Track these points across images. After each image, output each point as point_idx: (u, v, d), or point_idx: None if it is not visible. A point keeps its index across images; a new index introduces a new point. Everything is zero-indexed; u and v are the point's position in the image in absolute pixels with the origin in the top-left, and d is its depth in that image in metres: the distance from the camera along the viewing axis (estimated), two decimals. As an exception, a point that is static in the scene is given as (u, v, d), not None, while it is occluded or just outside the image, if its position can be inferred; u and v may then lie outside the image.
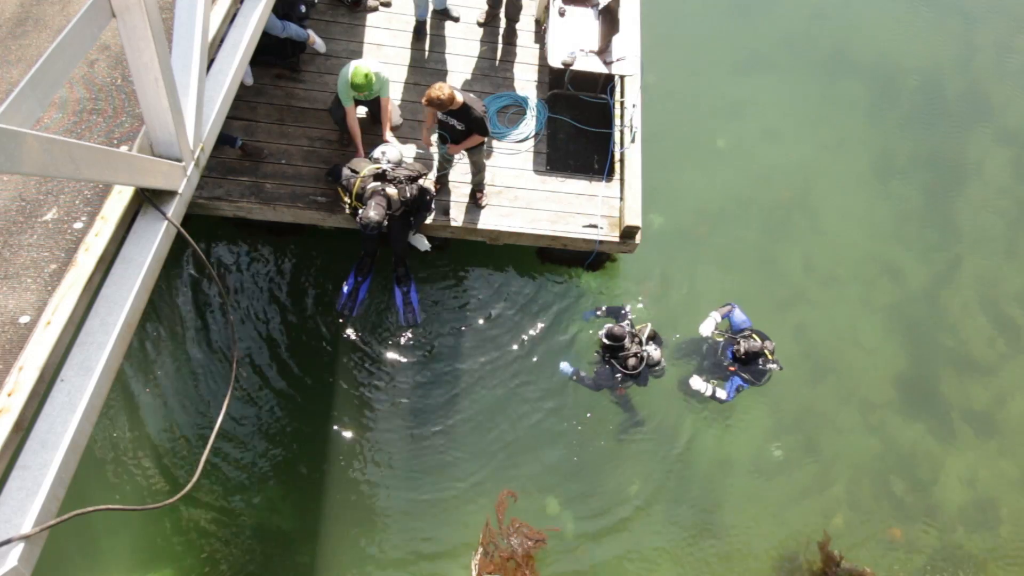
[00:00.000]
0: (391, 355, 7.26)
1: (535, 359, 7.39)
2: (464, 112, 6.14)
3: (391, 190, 6.19)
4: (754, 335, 6.72)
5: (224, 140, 6.62)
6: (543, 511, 6.88)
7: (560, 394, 7.28)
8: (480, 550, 6.50)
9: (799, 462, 7.48)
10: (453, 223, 6.95)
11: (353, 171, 6.32)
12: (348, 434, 6.93)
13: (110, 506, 3.29)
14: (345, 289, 7.08)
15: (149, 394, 6.83)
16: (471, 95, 6.26)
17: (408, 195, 6.30)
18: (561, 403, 7.28)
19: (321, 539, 6.54)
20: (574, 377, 7.00)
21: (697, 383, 6.93)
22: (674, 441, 7.32)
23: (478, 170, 6.82)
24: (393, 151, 6.54)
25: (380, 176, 6.25)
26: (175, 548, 6.37)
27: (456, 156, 6.95)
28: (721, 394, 6.82)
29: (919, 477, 7.60)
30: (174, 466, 6.58)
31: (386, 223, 6.15)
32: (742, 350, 6.58)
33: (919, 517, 7.41)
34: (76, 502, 3.17)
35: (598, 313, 7.32)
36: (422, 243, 7.12)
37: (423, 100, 6.00)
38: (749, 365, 6.68)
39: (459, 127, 6.28)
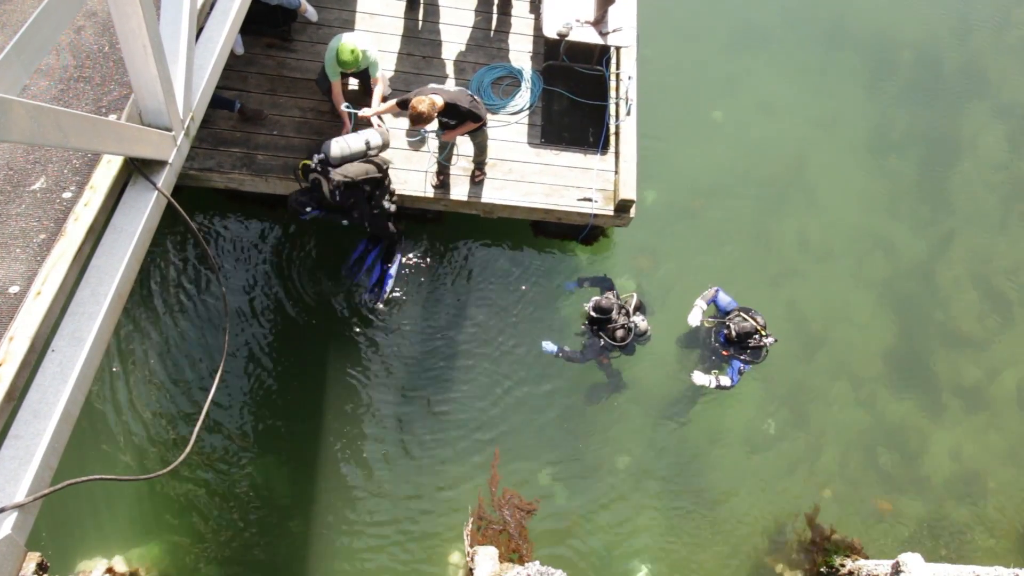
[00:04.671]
0: (385, 328, 7.26)
1: (528, 333, 7.40)
2: (451, 111, 6.01)
3: (325, 186, 6.01)
4: (742, 313, 6.71)
5: (221, 103, 6.51)
6: (535, 483, 6.94)
7: (551, 367, 7.30)
8: (471, 520, 6.57)
9: (789, 435, 7.55)
10: (447, 196, 6.91)
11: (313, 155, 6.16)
12: (340, 405, 6.95)
13: (104, 476, 3.31)
14: (354, 255, 7.03)
15: (142, 364, 6.83)
16: (453, 90, 6.09)
17: (337, 198, 6.03)
18: (552, 376, 7.31)
19: (314, 508, 6.60)
20: (559, 354, 7.01)
21: (700, 378, 6.86)
22: (666, 414, 7.38)
23: (481, 151, 6.73)
24: (372, 137, 6.33)
25: (312, 170, 6.06)
26: (170, 518, 6.41)
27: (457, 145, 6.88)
28: (725, 381, 6.79)
29: (908, 450, 7.70)
30: (168, 436, 6.60)
31: (310, 209, 6.13)
32: (733, 332, 6.56)
33: (907, 489, 7.52)
34: (69, 472, 3.18)
35: (584, 285, 7.32)
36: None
37: (408, 119, 5.82)
38: (743, 345, 6.65)
39: (451, 123, 6.21)
